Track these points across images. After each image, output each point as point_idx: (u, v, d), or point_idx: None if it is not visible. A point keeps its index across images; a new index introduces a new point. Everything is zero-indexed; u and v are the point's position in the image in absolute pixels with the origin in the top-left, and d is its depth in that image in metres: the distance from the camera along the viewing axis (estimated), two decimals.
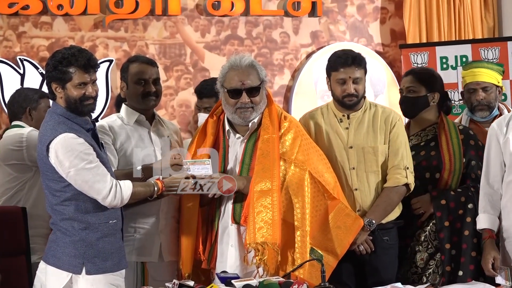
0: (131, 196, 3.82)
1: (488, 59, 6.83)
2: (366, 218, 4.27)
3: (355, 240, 4.25)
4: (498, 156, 4.20)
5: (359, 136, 4.38)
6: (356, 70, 4.36)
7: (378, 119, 4.41)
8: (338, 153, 4.37)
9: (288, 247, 4.03)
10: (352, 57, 4.39)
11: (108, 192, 3.73)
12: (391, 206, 4.36)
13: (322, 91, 7.28)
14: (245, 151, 4.15)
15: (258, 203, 4.00)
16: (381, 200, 4.33)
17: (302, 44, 7.33)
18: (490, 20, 7.67)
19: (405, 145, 4.41)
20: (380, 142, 4.38)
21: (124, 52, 6.75)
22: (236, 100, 4.09)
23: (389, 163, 4.37)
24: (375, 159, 4.36)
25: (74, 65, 3.73)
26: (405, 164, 4.36)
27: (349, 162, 4.36)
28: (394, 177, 4.34)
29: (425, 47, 7.17)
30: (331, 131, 4.41)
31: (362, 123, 4.41)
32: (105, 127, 4.23)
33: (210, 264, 4.15)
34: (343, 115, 4.43)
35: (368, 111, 4.44)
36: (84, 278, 3.75)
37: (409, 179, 4.35)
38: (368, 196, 4.34)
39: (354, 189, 4.34)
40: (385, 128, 4.39)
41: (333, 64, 4.43)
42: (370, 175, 4.35)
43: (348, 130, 4.40)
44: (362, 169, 4.35)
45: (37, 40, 6.55)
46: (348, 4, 7.52)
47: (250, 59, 4.17)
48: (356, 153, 4.36)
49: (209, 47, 7.05)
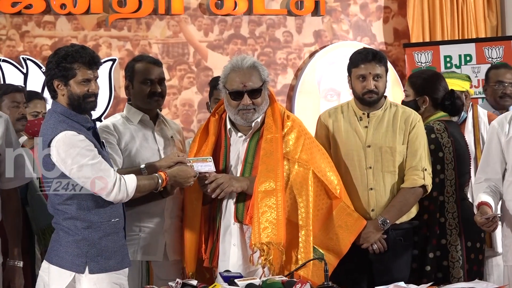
0: (136, 189, 3.79)
1: (492, 58, 6.84)
2: (380, 217, 4.26)
3: (369, 239, 4.25)
4: (498, 155, 4.19)
5: (378, 135, 4.36)
6: (376, 66, 4.34)
7: (398, 119, 4.38)
8: (356, 151, 4.35)
9: (292, 247, 4.02)
10: (373, 53, 4.38)
11: (113, 187, 3.72)
12: (407, 206, 4.34)
13: (325, 90, 7.29)
14: (247, 150, 4.14)
15: (263, 203, 3.99)
16: (397, 200, 4.31)
17: (305, 43, 7.34)
18: (493, 19, 7.67)
19: (424, 147, 4.38)
20: (399, 143, 4.35)
21: (127, 51, 6.76)
22: (238, 102, 4.08)
23: (407, 164, 4.34)
24: (392, 159, 4.33)
25: (78, 61, 3.72)
26: (423, 166, 4.33)
27: (366, 161, 4.33)
28: (411, 178, 4.32)
29: (429, 46, 7.17)
30: (350, 129, 4.39)
31: (381, 122, 4.38)
32: (109, 126, 4.22)
33: (212, 262, 4.15)
34: (363, 113, 4.40)
35: (389, 111, 4.41)
36: (87, 277, 3.74)
37: (427, 180, 4.33)
38: (383, 196, 4.32)
39: (369, 188, 4.32)
40: (405, 129, 4.36)
41: (353, 60, 4.40)
42: (387, 175, 4.33)
43: (367, 128, 4.38)
44: (378, 169, 4.33)
45: (40, 40, 6.56)
46: (351, 3, 7.52)
47: (252, 60, 4.15)
48: (373, 152, 4.34)
49: (212, 46, 7.06)
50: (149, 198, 4.02)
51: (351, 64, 4.41)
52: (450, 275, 4.47)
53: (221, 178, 4.04)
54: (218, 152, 4.19)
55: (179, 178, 3.96)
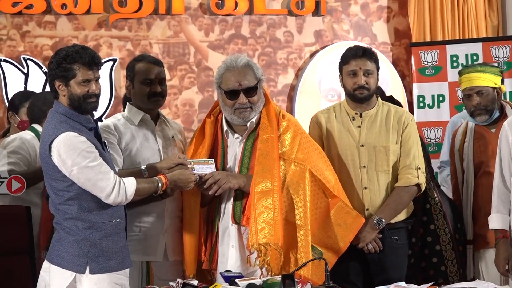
0: (135, 192, 3.80)
1: (499, 58, 6.82)
2: (375, 217, 4.27)
3: (364, 238, 4.25)
4: (507, 155, 4.19)
5: (371, 134, 4.37)
6: (367, 62, 4.34)
7: (391, 118, 4.39)
8: (349, 151, 4.35)
9: (291, 247, 4.02)
10: (363, 49, 4.39)
11: (112, 190, 3.72)
12: (402, 205, 4.35)
13: (326, 90, 7.28)
14: (243, 151, 4.14)
15: (259, 203, 3.99)
16: (391, 199, 4.32)
17: (306, 43, 7.33)
18: (494, 19, 7.66)
19: (417, 146, 4.40)
20: (392, 142, 4.36)
21: (128, 51, 6.76)
22: (234, 101, 4.08)
23: (401, 163, 4.35)
24: (386, 159, 4.34)
25: (78, 62, 3.73)
26: (416, 164, 4.35)
27: (360, 161, 4.34)
28: (405, 177, 4.33)
29: (435, 45, 7.16)
30: (343, 129, 4.40)
31: (374, 121, 4.39)
32: (110, 126, 4.22)
33: (212, 265, 4.15)
34: (355, 113, 4.41)
35: (381, 110, 4.42)
36: (88, 278, 3.74)
37: (421, 179, 4.34)
38: (378, 196, 4.33)
39: (363, 187, 4.32)
40: (398, 128, 4.37)
41: (344, 57, 4.41)
42: (381, 174, 4.34)
43: (360, 128, 4.39)
44: (372, 168, 4.34)
45: (41, 40, 6.55)
46: (352, 3, 7.51)
47: (245, 59, 4.14)
48: (367, 151, 4.35)
49: (213, 46, 7.05)
50: (149, 199, 4.02)
51: (342, 62, 4.42)
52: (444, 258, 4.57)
53: (218, 174, 4.05)
54: (215, 154, 4.19)
55: (179, 182, 3.97)
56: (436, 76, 7.00)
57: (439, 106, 6.99)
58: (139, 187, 3.81)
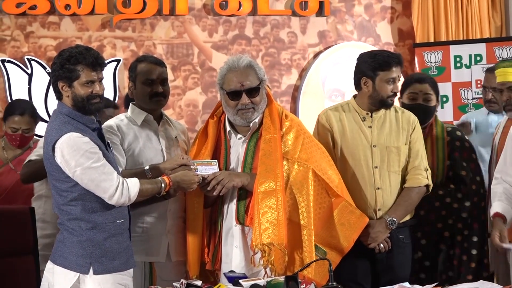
0: (139, 193, 3.80)
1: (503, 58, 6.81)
2: (388, 217, 4.30)
3: (377, 238, 4.28)
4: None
5: (382, 135, 4.39)
6: (399, 69, 4.39)
7: (400, 120, 4.42)
8: (362, 151, 4.37)
9: (295, 247, 4.02)
10: (398, 57, 4.40)
11: (115, 190, 3.72)
12: (412, 206, 4.39)
13: (329, 91, 7.28)
14: (246, 151, 4.14)
15: (263, 204, 3.99)
16: (402, 200, 4.36)
17: (309, 44, 7.33)
18: (497, 20, 7.66)
19: (423, 147, 4.45)
20: (402, 143, 4.39)
21: (131, 52, 6.76)
22: (237, 101, 4.08)
23: (410, 164, 4.39)
24: (398, 159, 4.37)
25: (82, 63, 3.73)
26: (425, 166, 4.40)
27: (373, 161, 4.36)
28: (415, 178, 4.36)
29: (439, 46, 7.16)
30: (355, 129, 4.40)
31: (384, 122, 4.41)
32: (113, 127, 4.22)
33: (215, 265, 4.15)
34: (366, 113, 4.42)
35: (389, 112, 4.43)
36: (91, 278, 3.74)
37: (429, 180, 4.39)
38: (390, 196, 4.36)
39: (376, 188, 4.34)
40: (407, 129, 4.41)
41: (384, 63, 4.34)
42: (392, 175, 4.37)
43: (371, 129, 4.40)
44: (384, 168, 4.36)
45: (44, 40, 6.56)
46: (355, 3, 7.51)
47: (247, 59, 4.14)
48: (379, 152, 4.36)
49: (217, 46, 7.05)
50: (151, 200, 4.02)
51: (379, 66, 4.34)
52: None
53: (221, 174, 4.05)
54: (218, 155, 4.19)
55: (183, 183, 3.97)
56: (440, 76, 6.99)
57: (443, 107, 6.99)
58: (142, 188, 3.81)
